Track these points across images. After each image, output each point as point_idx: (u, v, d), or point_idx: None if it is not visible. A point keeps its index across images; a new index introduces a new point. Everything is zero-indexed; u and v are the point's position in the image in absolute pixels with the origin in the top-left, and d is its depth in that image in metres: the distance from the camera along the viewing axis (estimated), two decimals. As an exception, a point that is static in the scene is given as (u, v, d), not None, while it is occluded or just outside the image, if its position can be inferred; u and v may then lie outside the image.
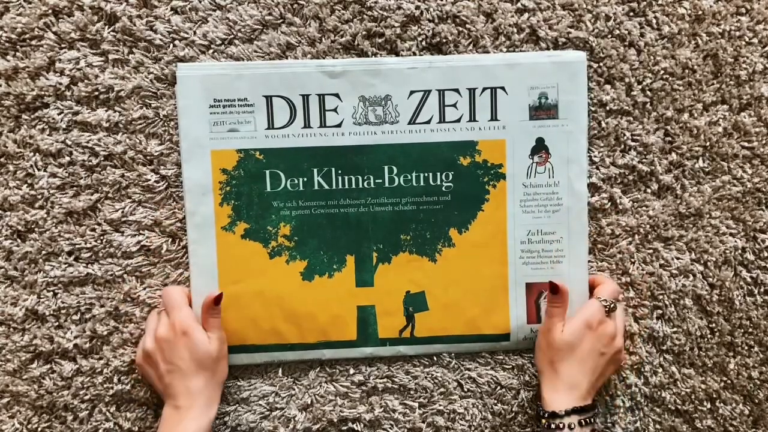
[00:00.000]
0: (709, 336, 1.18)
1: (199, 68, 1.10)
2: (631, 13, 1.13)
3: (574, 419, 1.05)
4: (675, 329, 1.18)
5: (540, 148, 1.12)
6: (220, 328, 1.09)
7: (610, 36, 1.12)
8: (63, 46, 1.10)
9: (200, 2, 1.10)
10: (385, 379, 1.17)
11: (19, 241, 1.13)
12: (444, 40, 1.11)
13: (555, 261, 1.15)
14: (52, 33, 1.09)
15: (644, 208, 1.16)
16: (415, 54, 1.11)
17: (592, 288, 1.15)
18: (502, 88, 1.11)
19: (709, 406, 1.19)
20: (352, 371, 1.17)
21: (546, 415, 1.06)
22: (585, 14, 1.12)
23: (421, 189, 1.13)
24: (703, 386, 1.19)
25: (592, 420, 1.06)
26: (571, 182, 1.13)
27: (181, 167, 1.11)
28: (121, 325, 1.14)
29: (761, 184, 1.16)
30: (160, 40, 1.10)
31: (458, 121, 1.11)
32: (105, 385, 1.15)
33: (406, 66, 1.10)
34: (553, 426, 1.05)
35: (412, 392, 1.18)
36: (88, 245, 1.13)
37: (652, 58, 1.13)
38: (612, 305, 1.10)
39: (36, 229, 1.12)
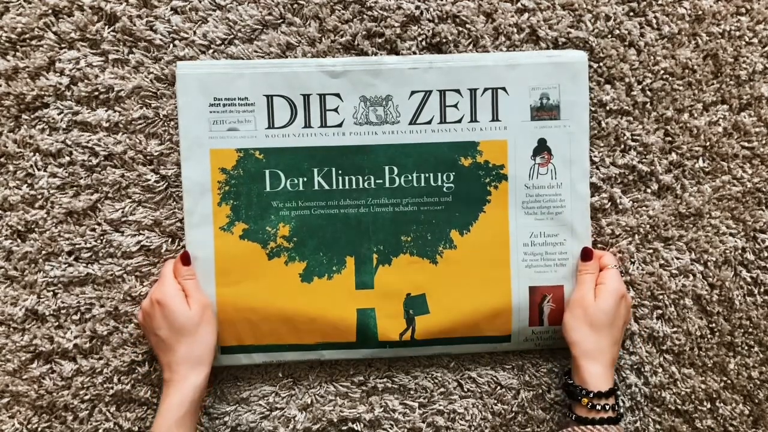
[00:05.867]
0: (709, 336, 1.18)
1: (199, 67, 1.10)
2: (631, 13, 1.13)
3: (613, 400, 1.04)
4: (675, 329, 1.18)
5: (542, 149, 1.12)
6: (198, 290, 1.10)
7: (610, 36, 1.12)
8: (63, 46, 1.10)
9: (200, 2, 1.10)
10: (385, 379, 1.17)
11: (19, 241, 1.13)
12: (444, 40, 1.11)
13: (559, 264, 1.15)
14: (52, 33, 1.09)
15: (644, 208, 1.16)
16: (415, 54, 1.11)
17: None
18: (503, 88, 1.11)
19: (709, 406, 1.19)
20: (352, 371, 1.17)
21: (591, 395, 1.04)
22: (585, 14, 1.12)
23: (422, 190, 1.13)
24: (703, 386, 1.19)
25: (619, 401, 1.04)
26: (573, 184, 1.13)
27: (181, 166, 1.11)
28: (121, 325, 1.14)
29: (761, 184, 1.16)
30: (160, 40, 1.10)
31: (459, 121, 1.11)
32: (105, 385, 1.15)
33: (407, 66, 1.10)
34: (598, 407, 1.03)
35: (412, 392, 1.18)
36: (88, 245, 1.13)
37: (652, 58, 1.13)
38: (623, 269, 1.11)
39: (36, 229, 1.12)
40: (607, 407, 1.03)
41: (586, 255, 1.12)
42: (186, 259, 1.10)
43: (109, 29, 1.10)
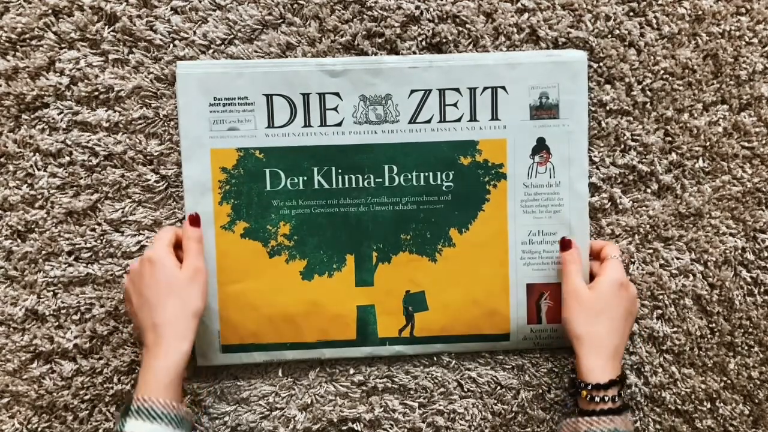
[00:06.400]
0: (709, 336, 1.18)
1: (199, 66, 1.10)
2: (631, 13, 1.13)
3: (615, 391, 1.02)
4: (675, 329, 1.18)
5: (541, 147, 1.12)
6: (197, 256, 1.06)
7: (610, 36, 1.12)
8: (63, 46, 1.10)
9: (200, 2, 1.10)
10: (385, 379, 1.17)
11: (19, 241, 1.13)
12: (444, 40, 1.11)
13: (557, 262, 1.14)
14: (52, 33, 1.09)
15: (644, 208, 1.16)
16: (415, 54, 1.11)
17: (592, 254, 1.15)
18: (503, 87, 1.11)
19: (709, 406, 1.19)
20: (352, 371, 1.17)
21: (589, 387, 1.02)
22: (585, 14, 1.12)
23: (421, 188, 1.13)
24: (703, 386, 1.19)
25: (625, 392, 1.02)
26: (572, 183, 1.13)
27: (181, 166, 1.11)
28: (121, 325, 1.14)
29: (761, 184, 1.16)
30: (160, 40, 1.10)
31: (459, 120, 1.11)
32: (105, 385, 1.15)
33: (407, 65, 1.10)
34: (597, 399, 1.01)
35: (412, 392, 1.18)
36: (88, 245, 1.13)
37: (652, 58, 1.13)
38: (627, 261, 1.10)
39: (36, 229, 1.12)
40: (606, 399, 1.01)
41: (564, 245, 1.12)
42: (194, 221, 1.09)
43: (109, 29, 1.10)
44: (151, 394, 0.96)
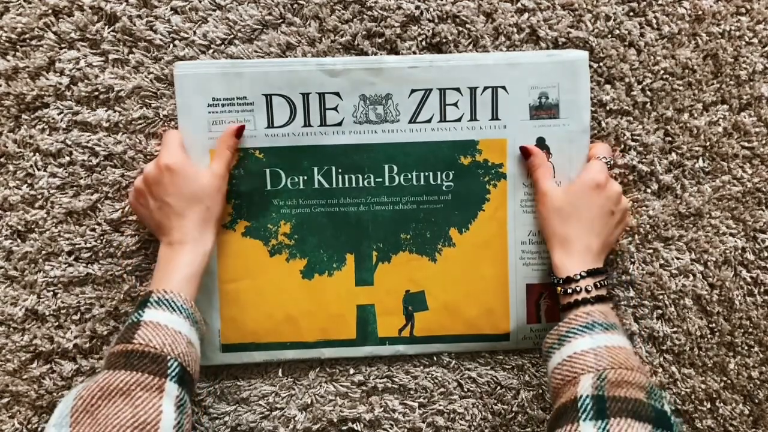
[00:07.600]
0: (709, 336, 1.18)
1: (197, 67, 1.10)
2: (631, 13, 1.13)
3: (590, 282, 1.01)
4: (675, 329, 1.18)
5: (541, 147, 1.11)
6: (226, 164, 1.09)
7: (610, 36, 1.12)
8: (63, 46, 1.10)
9: (200, 2, 1.10)
10: (385, 379, 1.17)
11: (19, 241, 1.13)
12: (444, 40, 1.11)
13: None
14: (52, 33, 1.09)
15: (644, 208, 1.16)
16: (415, 54, 1.11)
17: None
18: (503, 87, 1.11)
19: (709, 406, 1.19)
20: (352, 371, 1.17)
21: (560, 281, 1.03)
22: (585, 14, 1.12)
23: (421, 188, 1.13)
24: (703, 386, 1.19)
25: (605, 283, 1.02)
26: (572, 182, 1.12)
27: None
28: (121, 325, 1.14)
29: (761, 184, 1.16)
30: (160, 40, 1.10)
31: (459, 120, 1.11)
32: (105, 385, 1.15)
33: (407, 65, 1.10)
34: (569, 291, 1.01)
35: (412, 392, 1.18)
36: (88, 245, 1.13)
37: (652, 58, 1.13)
38: (612, 162, 1.10)
39: (36, 229, 1.12)
40: (579, 289, 1.01)
41: (525, 153, 1.12)
42: (239, 132, 1.10)
43: (109, 29, 1.10)
44: (172, 288, 0.99)
